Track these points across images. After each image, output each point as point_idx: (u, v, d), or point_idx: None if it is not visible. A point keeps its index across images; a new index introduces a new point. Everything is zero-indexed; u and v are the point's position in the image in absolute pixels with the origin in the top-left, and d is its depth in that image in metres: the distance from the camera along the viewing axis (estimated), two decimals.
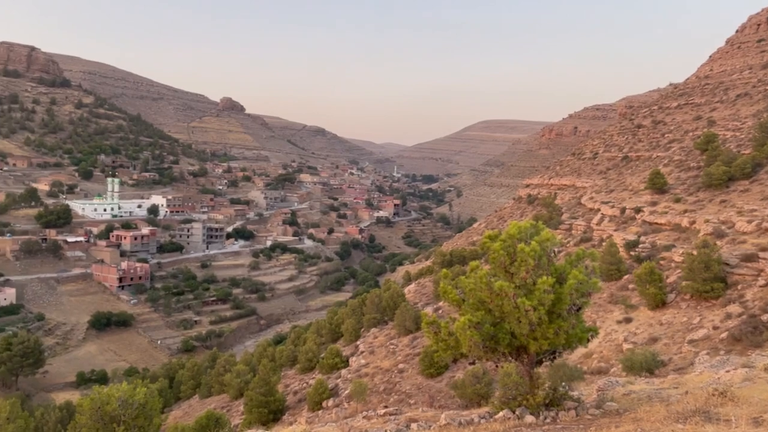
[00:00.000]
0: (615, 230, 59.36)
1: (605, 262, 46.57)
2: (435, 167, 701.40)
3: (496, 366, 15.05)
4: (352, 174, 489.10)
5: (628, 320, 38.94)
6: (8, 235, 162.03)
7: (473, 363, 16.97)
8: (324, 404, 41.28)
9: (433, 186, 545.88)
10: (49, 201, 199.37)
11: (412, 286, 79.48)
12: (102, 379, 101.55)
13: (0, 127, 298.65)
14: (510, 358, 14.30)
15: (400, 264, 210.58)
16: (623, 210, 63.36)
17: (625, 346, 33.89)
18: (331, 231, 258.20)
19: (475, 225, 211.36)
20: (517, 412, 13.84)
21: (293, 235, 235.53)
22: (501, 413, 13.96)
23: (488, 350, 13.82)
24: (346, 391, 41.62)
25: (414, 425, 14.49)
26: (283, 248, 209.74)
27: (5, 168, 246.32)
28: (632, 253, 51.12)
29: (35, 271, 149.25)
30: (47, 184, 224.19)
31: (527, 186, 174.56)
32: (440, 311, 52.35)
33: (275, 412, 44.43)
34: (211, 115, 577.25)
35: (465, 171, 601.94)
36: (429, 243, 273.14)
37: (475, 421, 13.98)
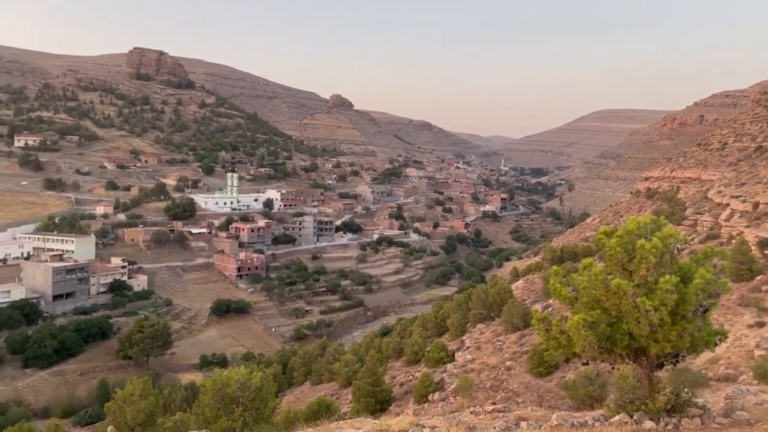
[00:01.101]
0: (746, 227, 54.61)
1: (735, 261, 42.98)
2: (545, 160, 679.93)
3: (612, 368, 14.37)
4: (458, 168, 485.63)
5: (761, 324, 35.71)
6: (141, 226, 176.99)
7: (586, 363, 16.30)
8: (430, 398, 41.45)
9: (543, 179, 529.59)
10: (176, 195, 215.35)
11: (519, 283, 77.73)
12: (222, 362, 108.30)
13: (134, 127, 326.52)
14: (627, 360, 13.60)
15: (507, 259, 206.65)
16: (756, 205, 58.09)
17: (757, 352, 31.12)
18: (436, 225, 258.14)
19: (588, 220, 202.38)
20: (635, 417, 13.15)
21: (399, 229, 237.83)
22: (617, 417, 13.33)
23: (603, 351, 13.23)
24: (452, 386, 41.52)
25: (524, 424, 14.19)
26: (390, 242, 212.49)
27: (138, 165, 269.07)
28: (766, 251, 46.79)
29: (164, 259, 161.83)
30: (174, 180, 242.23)
31: (646, 179, 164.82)
32: (550, 309, 50.76)
33: (382, 403, 45.21)
34: (322, 112, 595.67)
35: (577, 164, 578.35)
36: (538, 238, 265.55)
37: (589, 424, 13.46)
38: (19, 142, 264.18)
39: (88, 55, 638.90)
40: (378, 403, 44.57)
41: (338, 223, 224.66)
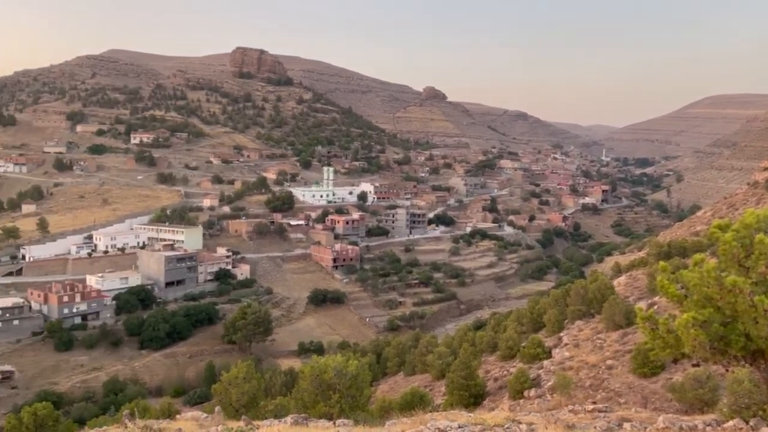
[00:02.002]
0: None
1: None
2: (650, 149, 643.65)
3: (726, 370, 13.46)
4: (555, 159, 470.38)
5: None
6: (244, 218, 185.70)
7: (697, 365, 15.38)
8: (525, 394, 40.64)
9: (648, 170, 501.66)
10: (276, 188, 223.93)
11: (622, 279, 74.27)
12: (319, 349, 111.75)
13: (237, 124, 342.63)
14: (743, 363, 12.69)
15: (609, 254, 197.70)
16: None
17: None
18: (532, 218, 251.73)
19: (698, 213, 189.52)
20: (751, 423, 12.26)
21: (493, 222, 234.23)
22: (731, 422, 12.49)
23: (716, 352, 12.41)
24: (549, 383, 40.49)
25: (627, 425, 13.63)
26: (483, 235, 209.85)
27: (241, 159, 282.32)
28: None
29: (265, 250, 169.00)
30: (274, 173, 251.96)
31: (766, 169, 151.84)
32: (656, 307, 48.18)
33: (475, 397, 44.86)
34: (415, 104, 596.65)
35: (687, 153, 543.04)
36: (642, 232, 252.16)
37: (699, 428, 12.70)
38: (135, 139, 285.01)
39: (196, 56, 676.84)
40: (471, 397, 44.29)
41: (431, 215, 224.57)
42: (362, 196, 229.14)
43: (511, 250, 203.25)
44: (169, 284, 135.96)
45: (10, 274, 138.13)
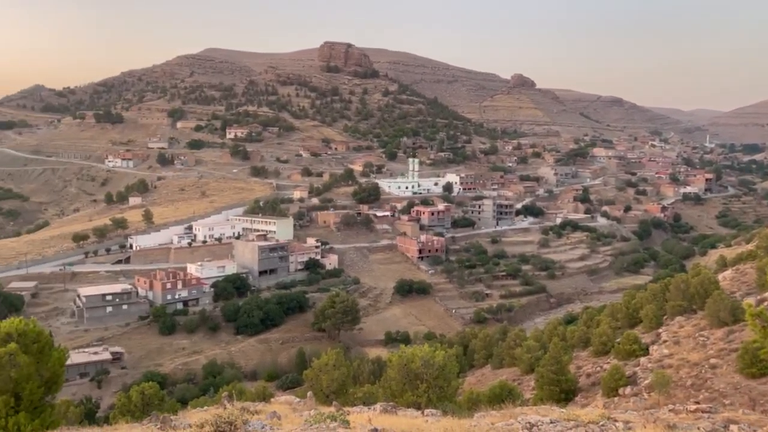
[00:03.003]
0: None
1: None
2: (760, 134, 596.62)
3: None
4: (653, 146, 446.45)
5: None
6: (332, 209, 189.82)
7: None
8: (620, 392, 39.02)
9: (758, 157, 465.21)
10: (362, 180, 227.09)
11: (727, 273, 69.50)
12: (405, 339, 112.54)
13: (325, 117, 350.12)
14: None
15: (713, 247, 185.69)
16: None
17: None
18: (627, 208, 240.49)
19: None
20: None
21: (585, 213, 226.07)
22: None
23: None
24: (646, 381, 38.64)
25: (734, 427, 12.74)
26: (574, 226, 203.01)
27: (329, 152, 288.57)
28: None
29: (352, 240, 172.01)
30: (361, 165, 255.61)
31: None
32: (766, 303, 44.74)
33: (566, 392, 43.60)
34: (502, 93, 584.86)
35: None
36: (751, 224, 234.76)
37: None
38: (230, 134, 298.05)
39: (286, 52, 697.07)
40: (562, 393, 43.09)
41: (519, 206, 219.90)
42: (448, 187, 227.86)
43: (605, 242, 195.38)
44: (262, 273, 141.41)
45: (119, 261, 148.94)
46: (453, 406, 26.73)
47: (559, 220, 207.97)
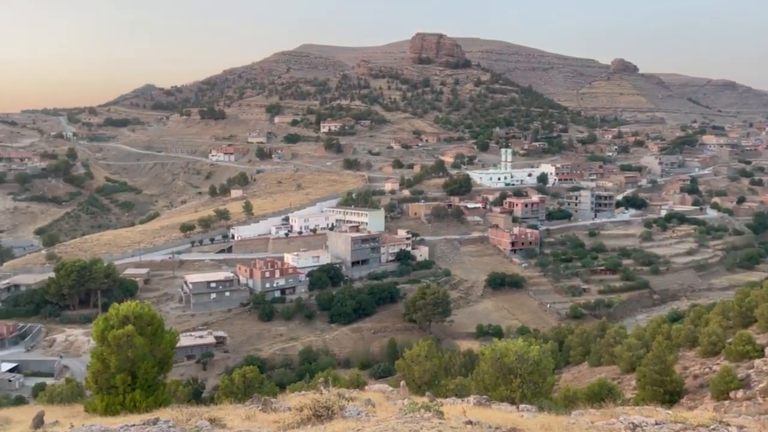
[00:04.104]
0: None
1: None
2: None
3: None
4: None
5: None
6: (422, 201, 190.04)
7: None
8: (732, 395, 36.45)
9: None
10: (453, 171, 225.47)
11: None
12: (497, 333, 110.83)
13: (416, 109, 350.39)
14: None
15: None
16: None
17: None
18: (741, 200, 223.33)
19: None
20: None
21: (693, 205, 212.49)
22: None
23: None
24: (761, 385, 35.84)
25: None
26: (681, 218, 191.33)
27: (420, 144, 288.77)
28: None
29: (442, 232, 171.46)
30: (451, 157, 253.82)
31: None
32: None
33: (671, 394, 41.33)
34: (602, 79, 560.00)
35: None
36: None
37: None
38: (324, 128, 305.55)
39: (378, 45, 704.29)
40: (666, 394, 40.87)
41: (619, 197, 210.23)
42: (542, 178, 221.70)
43: (715, 236, 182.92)
44: (354, 263, 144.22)
45: (222, 251, 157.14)
46: (549, 402, 26.05)
47: (664, 212, 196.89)
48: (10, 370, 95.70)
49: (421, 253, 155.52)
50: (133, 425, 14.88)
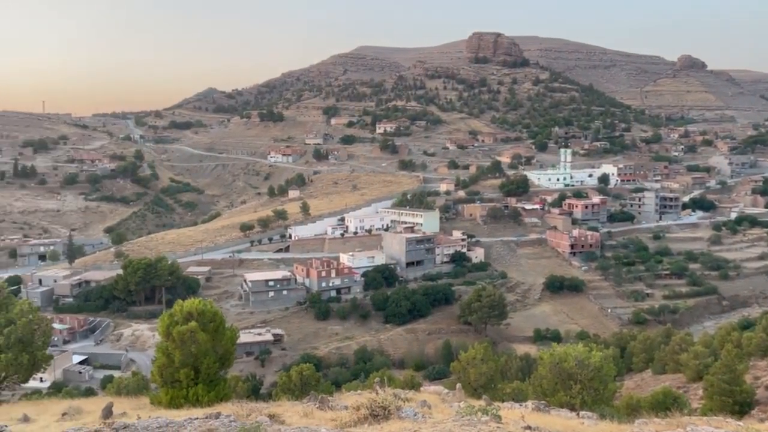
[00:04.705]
0: None
1: None
2: None
3: None
4: None
5: None
6: (478, 202, 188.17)
7: None
8: None
9: None
10: (510, 172, 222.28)
11: None
12: (555, 337, 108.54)
13: (472, 109, 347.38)
14: None
15: None
16: None
17: None
18: None
19: None
20: None
21: (765, 207, 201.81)
22: None
23: None
24: None
25: None
26: (752, 221, 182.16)
27: (476, 144, 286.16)
28: None
29: (499, 234, 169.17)
30: (508, 157, 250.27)
31: None
32: None
33: (741, 404, 39.36)
34: (667, 76, 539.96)
35: None
36: None
37: None
38: (380, 129, 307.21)
39: (433, 45, 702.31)
40: (736, 404, 38.96)
41: (685, 199, 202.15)
42: (603, 179, 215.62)
43: None
44: (409, 264, 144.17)
45: (280, 250, 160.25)
46: (610, 410, 25.28)
47: (734, 215, 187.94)
48: (81, 363, 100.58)
49: (477, 255, 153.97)
50: (196, 418, 15.33)
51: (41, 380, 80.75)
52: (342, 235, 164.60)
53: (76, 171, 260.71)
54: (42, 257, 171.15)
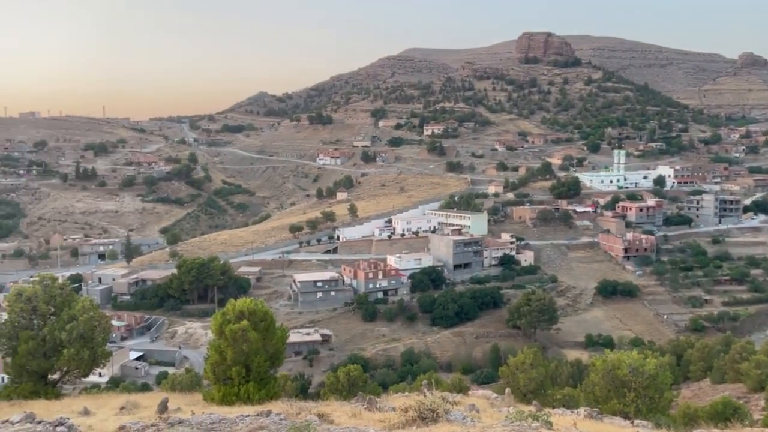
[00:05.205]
0: None
1: None
2: None
3: None
4: None
5: None
6: (527, 204, 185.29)
7: None
8: None
9: None
10: (561, 174, 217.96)
11: None
12: (608, 344, 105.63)
13: (522, 110, 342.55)
14: None
15: None
16: None
17: None
18: None
19: None
20: None
21: None
22: None
23: None
24: None
25: None
26: None
27: (525, 146, 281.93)
28: None
29: (549, 237, 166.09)
30: (559, 159, 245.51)
31: None
32: None
33: None
34: (727, 74, 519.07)
35: None
36: None
37: None
38: (427, 131, 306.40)
39: (482, 47, 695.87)
40: None
41: (747, 202, 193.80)
42: (659, 181, 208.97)
43: None
44: (456, 267, 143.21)
45: (328, 251, 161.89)
46: (666, 419, 24.44)
47: None
48: (137, 359, 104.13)
49: (526, 258, 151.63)
50: (248, 416, 15.62)
51: (100, 375, 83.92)
52: (389, 236, 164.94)
53: (133, 173, 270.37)
54: (101, 256, 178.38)
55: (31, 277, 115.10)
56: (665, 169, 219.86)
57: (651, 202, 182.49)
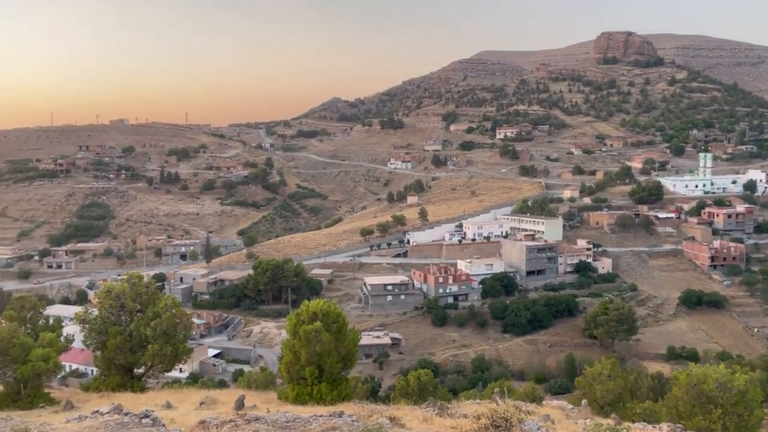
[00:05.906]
0: None
1: None
2: None
3: None
4: None
5: None
6: (605, 209, 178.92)
7: None
8: None
9: None
10: (642, 178, 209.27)
11: None
12: (692, 357, 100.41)
13: (599, 112, 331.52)
14: None
15: None
16: None
17: None
18: None
19: None
20: None
21: None
22: None
23: None
24: None
25: None
26: None
27: (603, 149, 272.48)
28: None
29: (628, 244, 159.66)
30: (640, 162, 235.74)
31: None
32: None
33: None
34: None
35: None
36: None
37: None
38: (500, 134, 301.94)
39: (558, 48, 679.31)
40: None
41: None
42: (750, 186, 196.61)
43: None
44: (529, 273, 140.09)
45: (398, 255, 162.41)
46: None
47: None
48: (215, 356, 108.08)
49: (604, 266, 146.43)
50: (321, 416, 15.87)
51: (180, 371, 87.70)
52: (459, 241, 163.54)
53: (213, 177, 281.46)
54: (183, 257, 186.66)
55: (119, 275, 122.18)
56: (756, 174, 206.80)
57: (740, 208, 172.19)
